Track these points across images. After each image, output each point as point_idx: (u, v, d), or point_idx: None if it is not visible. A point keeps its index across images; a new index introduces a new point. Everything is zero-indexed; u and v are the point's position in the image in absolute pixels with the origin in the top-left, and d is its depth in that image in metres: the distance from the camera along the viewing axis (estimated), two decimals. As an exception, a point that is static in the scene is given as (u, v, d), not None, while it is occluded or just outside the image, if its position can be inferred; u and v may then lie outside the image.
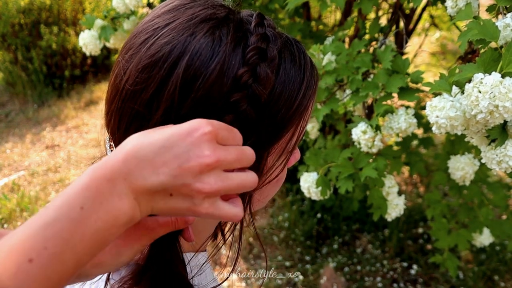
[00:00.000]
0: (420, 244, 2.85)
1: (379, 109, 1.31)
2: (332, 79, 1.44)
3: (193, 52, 0.51)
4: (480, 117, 0.83)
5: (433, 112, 0.90)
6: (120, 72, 0.55)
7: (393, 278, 2.64)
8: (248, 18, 0.58)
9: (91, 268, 0.51)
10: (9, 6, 4.80)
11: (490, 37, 0.90)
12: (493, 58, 0.89)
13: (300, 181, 1.45)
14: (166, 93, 0.51)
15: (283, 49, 0.57)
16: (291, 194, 3.23)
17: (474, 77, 0.85)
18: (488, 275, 2.61)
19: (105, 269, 0.52)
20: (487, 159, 0.92)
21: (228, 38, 0.53)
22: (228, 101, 0.52)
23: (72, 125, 4.56)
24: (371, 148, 1.32)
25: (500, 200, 1.71)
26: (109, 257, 0.51)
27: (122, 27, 1.92)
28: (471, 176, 1.42)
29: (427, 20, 3.19)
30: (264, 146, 0.56)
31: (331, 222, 3.00)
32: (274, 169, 0.62)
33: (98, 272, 0.52)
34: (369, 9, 1.47)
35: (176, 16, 0.55)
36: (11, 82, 5.06)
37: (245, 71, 0.52)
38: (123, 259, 0.52)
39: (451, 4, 1.11)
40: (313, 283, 2.60)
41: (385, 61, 1.36)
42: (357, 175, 1.33)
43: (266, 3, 2.02)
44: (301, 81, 0.58)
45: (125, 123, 0.55)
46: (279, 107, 0.55)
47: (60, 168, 3.88)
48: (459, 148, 1.63)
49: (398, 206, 1.44)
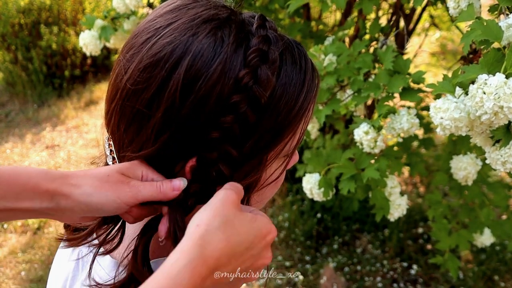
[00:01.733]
0: (420, 244, 2.85)
1: (381, 110, 1.30)
2: (333, 79, 1.43)
3: (195, 53, 0.51)
4: (484, 118, 0.83)
5: (438, 114, 0.90)
6: (121, 71, 0.55)
7: (393, 278, 2.64)
8: (250, 19, 0.58)
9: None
10: (9, 6, 4.79)
11: (494, 37, 0.90)
12: (496, 59, 0.89)
13: (303, 182, 1.44)
14: (167, 93, 0.51)
15: (285, 52, 0.57)
16: (291, 194, 3.23)
17: (478, 78, 0.85)
18: (488, 275, 2.61)
19: (73, 197, 0.53)
20: (491, 159, 0.92)
21: (230, 39, 0.53)
22: (228, 102, 0.52)
23: (72, 125, 4.55)
24: (373, 149, 1.31)
25: (501, 200, 1.71)
26: (85, 188, 0.52)
27: (122, 27, 1.91)
28: (473, 176, 1.42)
29: (427, 20, 3.19)
30: (264, 148, 0.56)
31: (331, 222, 3.00)
32: (274, 171, 0.62)
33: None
34: (370, 9, 1.47)
35: (178, 16, 0.55)
36: (11, 82, 5.05)
37: (246, 72, 0.52)
38: (92, 199, 0.52)
39: (453, 5, 1.11)
40: (313, 283, 2.60)
41: (387, 62, 1.36)
42: (359, 175, 1.32)
43: (266, 4, 2.02)
44: (302, 83, 0.57)
45: (125, 123, 0.55)
46: (280, 110, 0.55)
47: (60, 168, 3.87)
48: (461, 148, 1.62)
49: (400, 206, 1.44)
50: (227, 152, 0.54)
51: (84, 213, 0.53)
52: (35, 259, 2.89)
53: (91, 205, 0.52)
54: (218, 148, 0.53)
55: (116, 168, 0.55)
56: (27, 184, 0.51)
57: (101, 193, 0.53)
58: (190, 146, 0.54)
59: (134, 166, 0.56)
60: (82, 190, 0.52)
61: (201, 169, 0.55)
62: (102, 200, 0.53)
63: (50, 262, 0.62)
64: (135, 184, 0.54)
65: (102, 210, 0.53)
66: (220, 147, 0.53)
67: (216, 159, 0.54)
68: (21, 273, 2.78)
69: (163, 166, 0.57)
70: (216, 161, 0.54)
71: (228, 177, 0.55)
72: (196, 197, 0.55)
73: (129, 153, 0.56)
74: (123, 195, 0.53)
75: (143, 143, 0.55)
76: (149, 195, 0.54)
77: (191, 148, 0.54)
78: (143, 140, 0.54)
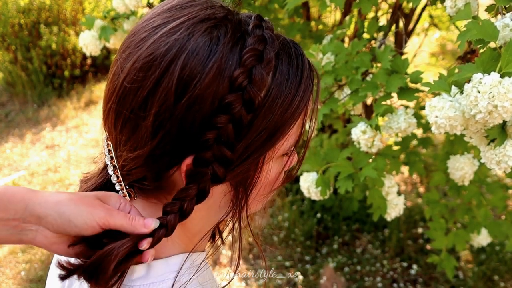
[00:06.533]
0: (420, 244, 2.85)
1: (379, 109, 1.31)
2: (331, 78, 1.44)
3: (190, 51, 0.51)
4: (479, 117, 0.83)
5: (432, 112, 0.90)
6: (118, 70, 0.55)
7: (393, 278, 2.64)
8: (246, 19, 0.58)
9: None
10: (9, 6, 4.80)
11: (489, 37, 0.90)
12: (492, 58, 0.89)
13: (300, 181, 1.45)
14: (162, 92, 0.51)
15: (281, 51, 0.57)
16: (291, 194, 3.23)
17: (473, 77, 0.85)
18: (488, 275, 2.61)
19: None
20: (486, 159, 0.92)
21: (226, 38, 0.53)
22: (223, 102, 0.52)
23: (72, 125, 4.56)
24: (371, 148, 1.32)
25: (499, 200, 1.71)
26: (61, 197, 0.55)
27: (122, 27, 1.92)
28: (470, 176, 1.42)
29: (427, 20, 3.18)
30: (260, 148, 0.56)
31: (331, 222, 3.01)
32: (272, 172, 0.61)
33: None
34: (369, 9, 1.46)
35: (174, 15, 0.55)
36: (11, 82, 5.06)
37: (241, 72, 0.52)
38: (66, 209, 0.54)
39: (450, 4, 1.11)
40: (313, 283, 2.60)
41: (384, 61, 1.36)
42: (357, 175, 1.33)
43: (265, 3, 2.02)
44: (298, 83, 0.57)
45: (121, 122, 0.55)
46: (275, 109, 0.55)
47: (60, 168, 3.88)
48: (458, 148, 1.62)
49: (397, 206, 1.44)
50: (221, 152, 0.53)
51: (56, 225, 0.54)
52: (35, 259, 2.90)
53: (64, 215, 0.54)
54: (213, 148, 0.53)
55: (94, 193, 0.58)
56: (4, 195, 0.53)
57: (76, 205, 0.54)
58: (185, 146, 0.54)
59: (113, 197, 0.59)
60: (58, 199, 0.54)
61: (195, 170, 0.55)
62: (74, 212, 0.54)
63: (50, 262, 0.62)
64: (110, 209, 0.56)
65: (73, 223, 0.54)
66: (214, 148, 0.53)
67: (210, 159, 0.54)
68: (21, 273, 2.79)
69: (158, 166, 0.56)
70: (210, 162, 0.54)
71: (222, 178, 0.55)
72: (196, 199, 0.56)
73: (125, 153, 0.57)
74: (96, 212, 0.55)
75: (138, 142, 0.55)
76: (119, 224, 0.55)
77: (186, 148, 0.54)
78: (138, 139, 0.54)
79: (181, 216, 0.56)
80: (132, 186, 0.62)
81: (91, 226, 0.54)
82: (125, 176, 0.60)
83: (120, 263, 0.54)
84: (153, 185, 0.59)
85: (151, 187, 0.60)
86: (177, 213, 0.56)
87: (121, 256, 0.53)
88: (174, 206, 0.56)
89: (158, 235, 0.55)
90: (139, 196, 0.62)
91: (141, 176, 0.58)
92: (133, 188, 0.62)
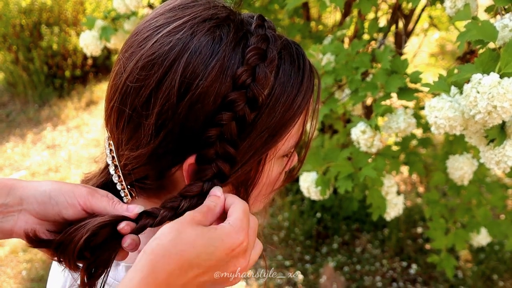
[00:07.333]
0: (420, 244, 2.86)
1: (378, 109, 1.31)
2: (331, 79, 1.44)
3: (193, 51, 0.52)
4: (478, 118, 0.83)
5: (432, 113, 0.91)
6: (120, 69, 0.55)
7: (392, 277, 2.65)
8: (248, 19, 0.58)
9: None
10: (10, 7, 4.80)
11: (489, 37, 0.90)
12: (491, 59, 0.89)
13: (300, 181, 1.45)
14: (165, 91, 0.52)
15: (283, 51, 0.58)
16: (291, 194, 3.23)
17: (473, 78, 0.85)
18: (487, 274, 2.62)
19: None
20: (485, 159, 0.93)
21: (229, 37, 0.53)
22: (226, 100, 0.52)
23: (73, 125, 4.56)
24: (370, 148, 1.32)
25: (498, 200, 1.71)
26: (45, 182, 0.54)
27: (123, 27, 1.92)
28: (469, 176, 1.43)
29: (426, 20, 3.19)
30: (263, 147, 0.57)
31: (330, 222, 3.01)
32: (273, 171, 0.62)
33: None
34: (368, 9, 1.47)
35: (177, 15, 0.55)
36: (12, 82, 5.06)
37: (244, 70, 0.52)
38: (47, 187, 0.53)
39: (449, 5, 1.11)
40: (313, 283, 2.61)
41: (384, 61, 1.37)
42: (357, 175, 1.33)
43: (265, 4, 2.02)
44: (300, 83, 0.58)
45: (123, 121, 0.55)
46: (278, 108, 0.56)
47: (61, 168, 3.88)
48: (457, 148, 1.63)
49: (397, 206, 1.45)
50: (225, 149, 0.54)
51: (37, 204, 0.53)
52: (36, 259, 2.90)
53: (45, 192, 0.53)
54: (215, 146, 0.54)
55: (82, 184, 0.58)
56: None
57: (58, 184, 0.54)
58: (187, 144, 0.54)
59: (102, 190, 0.58)
60: (41, 183, 0.54)
61: (199, 168, 0.55)
62: (56, 188, 0.53)
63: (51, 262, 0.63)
64: (93, 189, 0.56)
65: (54, 200, 0.53)
66: (217, 145, 0.53)
67: (213, 156, 0.54)
68: (22, 272, 2.79)
69: (160, 165, 0.57)
70: (213, 159, 0.54)
71: (228, 175, 0.55)
72: (199, 196, 0.55)
73: (127, 152, 0.57)
74: (78, 190, 0.54)
75: (141, 141, 0.55)
76: (102, 205, 0.54)
77: (188, 146, 0.54)
78: (140, 138, 0.55)
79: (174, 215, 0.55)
80: (133, 186, 0.62)
81: (72, 205, 0.53)
82: (127, 175, 0.60)
83: (93, 236, 0.51)
84: (155, 184, 0.60)
85: (153, 186, 0.60)
86: (171, 209, 0.54)
87: (93, 229, 0.50)
88: (175, 202, 0.54)
89: (143, 223, 0.53)
90: (140, 196, 0.63)
91: (143, 175, 0.59)
92: (134, 188, 0.62)
